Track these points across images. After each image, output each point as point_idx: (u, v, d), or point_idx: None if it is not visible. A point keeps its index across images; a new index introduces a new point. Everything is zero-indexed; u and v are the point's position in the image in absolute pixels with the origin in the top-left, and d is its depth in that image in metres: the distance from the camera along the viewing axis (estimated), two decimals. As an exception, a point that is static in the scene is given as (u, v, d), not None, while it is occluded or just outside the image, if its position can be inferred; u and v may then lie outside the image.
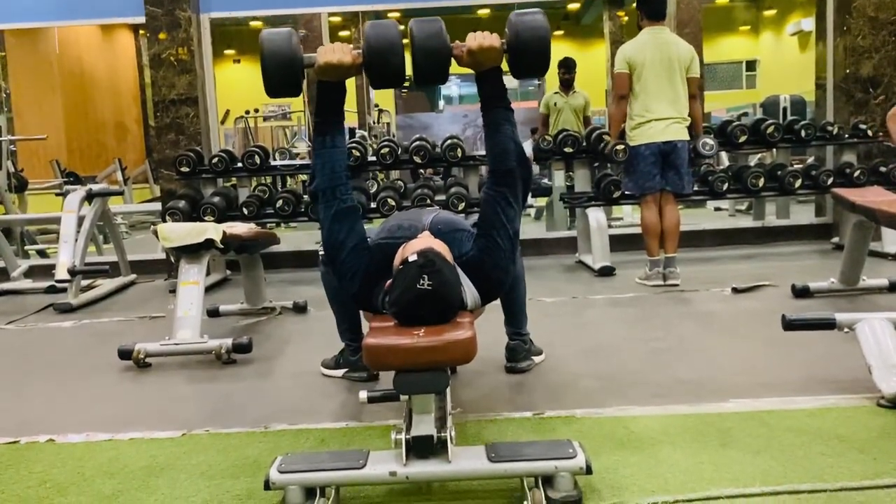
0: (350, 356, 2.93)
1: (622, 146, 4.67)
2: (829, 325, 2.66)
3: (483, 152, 5.61)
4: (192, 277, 3.51)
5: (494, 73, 2.22)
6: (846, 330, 2.65)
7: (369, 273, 2.19)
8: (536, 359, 3.05)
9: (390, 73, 2.15)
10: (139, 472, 2.17)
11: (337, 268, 2.26)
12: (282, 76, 2.15)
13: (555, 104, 7.19)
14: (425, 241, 2.07)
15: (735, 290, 4.24)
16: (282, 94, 2.25)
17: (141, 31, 10.44)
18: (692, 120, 4.54)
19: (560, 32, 19.58)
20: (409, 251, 1.98)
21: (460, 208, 5.08)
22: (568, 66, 7.18)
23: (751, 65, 20.67)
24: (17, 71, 11.39)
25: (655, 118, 4.43)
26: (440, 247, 2.05)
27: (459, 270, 2.14)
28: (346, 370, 2.96)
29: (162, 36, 5.63)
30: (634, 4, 4.61)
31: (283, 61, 2.13)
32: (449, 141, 5.46)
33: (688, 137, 4.51)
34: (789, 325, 2.70)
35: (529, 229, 6.74)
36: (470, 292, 2.15)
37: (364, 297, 2.23)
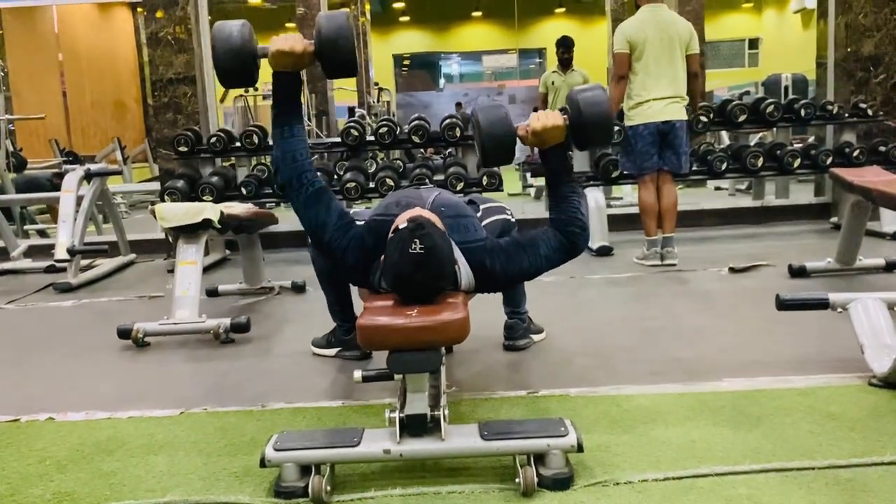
0: (343, 335, 2.94)
1: (617, 128, 4.67)
2: (822, 304, 2.67)
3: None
4: (190, 257, 3.52)
5: (559, 149, 2.22)
6: (840, 310, 2.66)
7: (363, 248, 2.19)
8: (536, 337, 3.07)
9: (342, 61, 2.15)
10: (138, 449, 2.20)
11: (325, 249, 2.25)
12: (234, 66, 2.14)
13: (552, 83, 7.17)
14: (416, 211, 2.09)
15: (732, 270, 4.25)
16: (236, 84, 2.25)
17: (139, 9, 10.37)
18: (690, 97, 4.52)
19: (561, 10, 19.44)
20: (400, 221, 2.01)
21: (459, 188, 5.08)
22: (566, 45, 7.16)
23: (753, 43, 20.51)
24: (16, 50, 11.33)
25: (654, 98, 4.41)
26: (430, 215, 2.07)
27: (457, 250, 2.15)
28: (339, 349, 2.97)
29: (159, 14, 5.60)
30: None
31: (234, 51, 2.12)
32: (448, 120, 5.45)
33: (686, 117, 4.49)
34: (783, 304, 2.71)
35: (529, 209, 6.75)
36: (465, 272, 2.16)
37: (360, 274, 2.23)
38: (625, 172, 4.95)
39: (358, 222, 2.28)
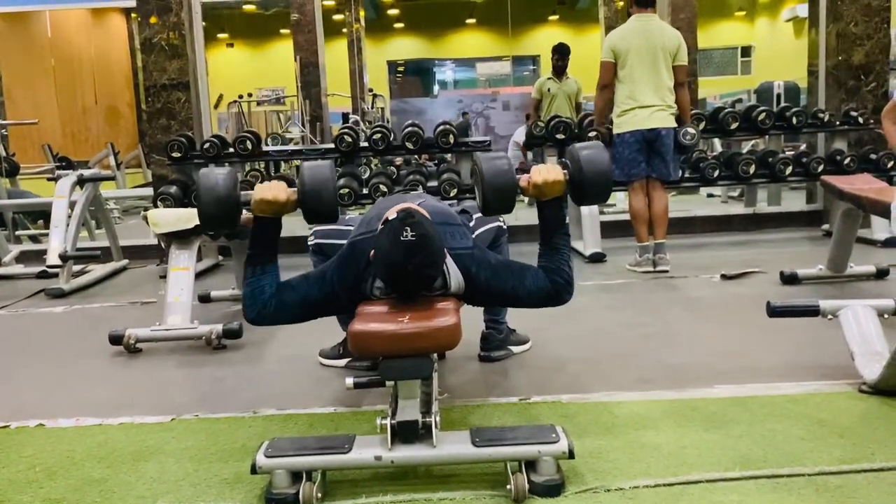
0: None
1: (597, 133, 4.72)
2: (813, 311, 2.68)
3: (475, 139, 5.64)
4: (182, 263, 3.51)
5: (556, 202, 2.23)
6: (830, 317, 2.67)
7: (350, 275, 2.18)
8: (516, 348, 3.03)
9: (323, 212, 2.20)
10: (128, 456, 2.19)
11: (323, 311, 2.26)
12: (218, 214, 2.17)
13: (548, 90, 7.20)
14: (405, 204, 2.11)
15: (724, 277, 4.27)
16: (217, 229, 2.29)
17: (133, 15, 10.38)
18: (679, 108, 4.54)
19: (555, 17, 19.53)
20: (390, 213, 2.02)
21: (452, 194, 5.08)
22: (562, 52, 7.18)
23: (746, 51, 20.65)
24: (9, 55, 11.31)
25: (640, 106, 4.44)
26: (419, 208, 2.08)
27: (447, 253, 2.15)
28: (349, 360, 2.95)
29: (153, 20, 5.60)
30: None
31: (219, 200, 2.15)
32: (441, 127, 5.46)
33: (673, 125, 4.52)
34: (774, 311, 2.73)
35: (523, 215, 6.73)
36: (454, 275, 2.16)
37: (358, 298, 2.22)
38: (615, 180, 4.96)
39: (344, 227, 2.28)
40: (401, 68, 21.23)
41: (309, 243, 2.74)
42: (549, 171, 2.18)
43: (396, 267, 1.96)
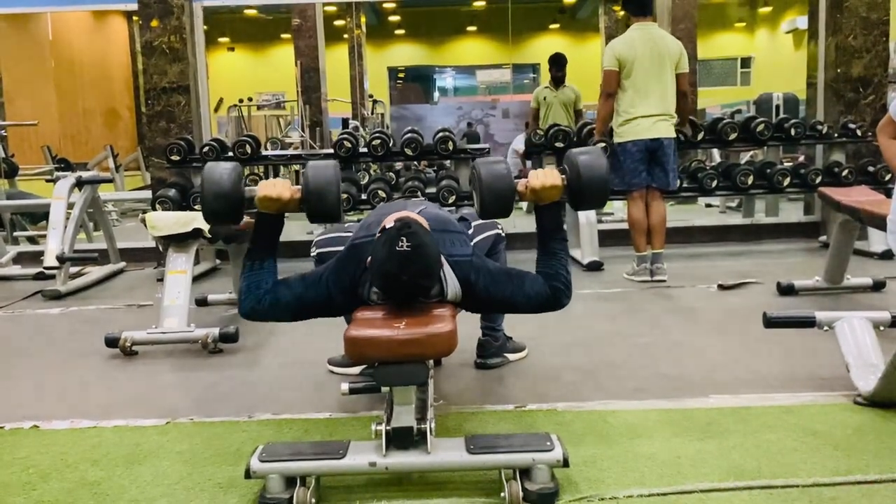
0: None
1: (604, 143, 4.68)
2: (808, 323, 2.69)
3: (474, 146, 5.65)
4: (180, 266, 3.51)
5: (554, 207, 2.24)
6: (826, 328, 2.68)
7: (346, 279, 2.18)
8: (512, 356, 3.03)
9: (326, 211, 2.21)
10: (122, 459, 2.19)
11: (317, 312, 2.26)
12: (222, 208, 2.17)
13: (544, 98, 7.21)
14: (403, 213, 2.11)
15: (721, 287, 4.27)
16: (222, 223, 2.37)
17: (134, 18, 10.39)
18: (679, 117, 4.55)
19: (555, 26, 19.57)
20: (388, 221, 2.02)
21: (450, 201, 5.09)
22: (560, 63, 7.18)
23: (745, 62, 20.70)
24: (9, 56, 11.33)
25: (643, 115, 4.44)
26: (417, 217, 2.09)
27: (444, 261, 2.16)
28: (364, 367, 2.93)
29: (154, 23, 5.61)
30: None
31: (223, 194, 2.15)
32: (441, 134, 5.47)
33: (674, 135, 4.53)
34: (770, 322, 2.73)
35: (521, 223, 6.75)
36: (451, 283, 2.16)
37: (354, 301, 2.23)
38: (614, 188, 4.97)
39: (344, 234, 2.27)
40: (401, 75, 21.25)
41: (312, 254, 2.72)
42: (546, 176, 2.18)
43: (391, 276, 1.96)
